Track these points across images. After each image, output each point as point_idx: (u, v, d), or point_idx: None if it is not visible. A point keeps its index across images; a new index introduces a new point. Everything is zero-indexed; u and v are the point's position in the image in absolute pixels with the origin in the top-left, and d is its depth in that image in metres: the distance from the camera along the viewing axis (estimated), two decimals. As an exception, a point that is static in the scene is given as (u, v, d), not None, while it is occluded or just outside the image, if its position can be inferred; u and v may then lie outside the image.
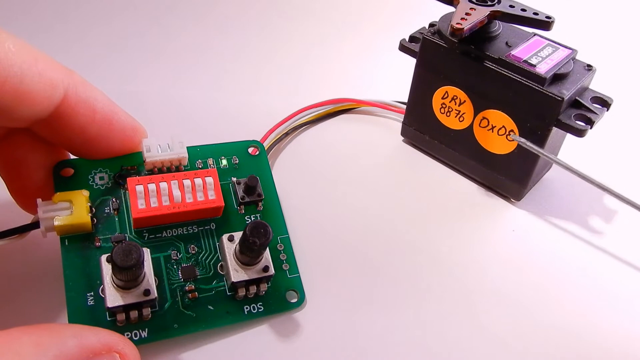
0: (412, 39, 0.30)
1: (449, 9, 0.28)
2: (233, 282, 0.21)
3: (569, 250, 0.27)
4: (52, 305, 0.20)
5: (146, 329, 0.21)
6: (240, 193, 0.24)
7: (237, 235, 0.22)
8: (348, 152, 0.31)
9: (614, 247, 0.27)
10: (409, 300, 0.24)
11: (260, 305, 0.22)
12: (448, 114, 0.29)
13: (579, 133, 0.25)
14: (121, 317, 0.20)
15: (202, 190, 0.22)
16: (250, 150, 0.25)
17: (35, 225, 0.21)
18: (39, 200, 0.21)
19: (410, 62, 0.29)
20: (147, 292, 0.20)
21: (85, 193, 0.21)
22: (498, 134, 0.27)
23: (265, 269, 0.22)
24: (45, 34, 0.36)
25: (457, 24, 0.25)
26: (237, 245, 0.21)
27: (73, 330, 0.17)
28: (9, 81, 0.18)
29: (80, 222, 0.21)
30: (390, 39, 0.32)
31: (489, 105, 0.27)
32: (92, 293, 0.20)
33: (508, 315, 0.23)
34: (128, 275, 0.19)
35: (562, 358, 0.22)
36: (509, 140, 0.27)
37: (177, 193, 0.22)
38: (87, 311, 0.20)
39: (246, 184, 0.23)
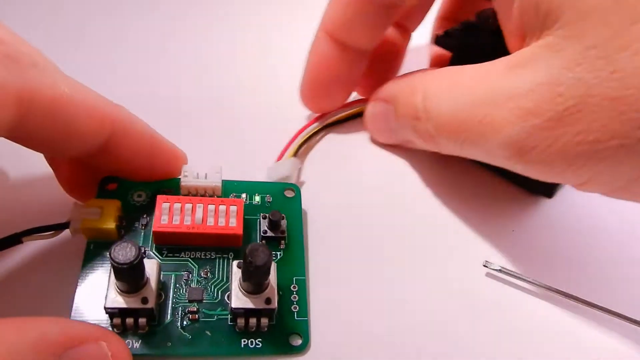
0: (448, 34, 0.29)
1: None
2: (232, 307, 0.21)
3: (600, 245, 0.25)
4: (58, 305, 0.21)
5: (139, 341, 0.20)
6: (263, 227, 0.24)
7: (247, 263, 0.21)
8: (377, 153, 0.30)
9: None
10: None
11: (259, 341, 0.21)
12: None
13: None
14: (117, 321, 0.20)
15: (225, 217, 0.23)
16: (286, 192, 0.26)
17: (66, 225, 0.22)
18: (74, 203, 0.22)
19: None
20: (145, 300, 0.20)
21: (117, 203, 0.23)
22: None
23: (268, 301, 0.21)
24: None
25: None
26: (241, 272, 0.21)
27: (60, 320, 0.18)
28: (61, 123, 0.19)
29: (105, 227, 0.22)
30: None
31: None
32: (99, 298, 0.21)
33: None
34: (122, 273, 0.19)
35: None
36: None
37: (199, 215, 0.22)
38: (91, 312, 0.21)
39: (270, 218, 0.23)
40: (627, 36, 0.18)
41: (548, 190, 0.28)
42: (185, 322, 0.21)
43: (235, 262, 0.22)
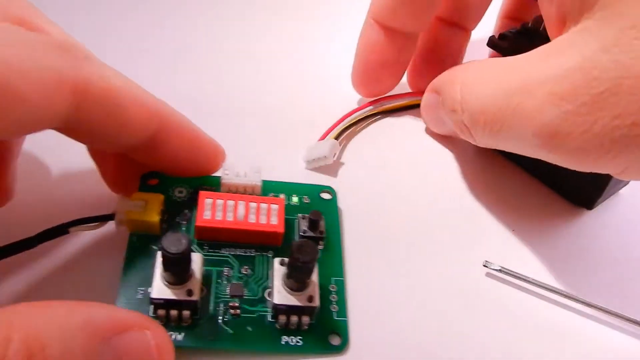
0: (502, 36, 0.29)
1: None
2: (275, 303, 0.21)
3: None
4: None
5: (182, 333, 0.20)
6: (303, 227, 0.24)
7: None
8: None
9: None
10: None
11: (299, 339, 0.21)
12: None
13: None
14: (162, 312, 0.20)
15: (266, 214, 0.23)
16: (322, 194, 0.26)
17: (111, 216, 0.22)
18: (119, 196, 0.23)
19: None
20: (190, 292, 0.20)
21: (161, 197, 0.23)
22: None
23: (310, 298, 0.21)
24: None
25: None
26: (285, 269, 0.21)
27: (107, 306, 0.18)
28: (112, 114, 0.20)
29: (149, 220, 0.22)
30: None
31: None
32: (142, 289, 0.21)
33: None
34: (172, 263, 0.19)
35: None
36: None
37: (241, 212, 0.23)
38: (134, 303, 0.21)
39: (310, 218, 0.24)
40: None
41: (589, 201, 0.28)
42: (227, 317, 0.21)
43: (277, 260, 0.22)
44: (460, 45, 0.32)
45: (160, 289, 0.20)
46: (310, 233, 0.24)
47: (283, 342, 0.21)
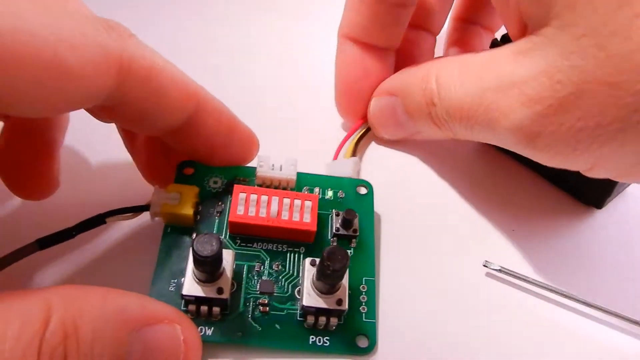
0: (504, 38, 0.27)
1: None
2: (304, 305, 0.21)
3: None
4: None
5: (212, 328, 0.21)
6: (336, 225, 0.24)
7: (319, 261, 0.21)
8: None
9: None
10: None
11: (327, 339, 0.21)
12: None
13: None
14: (192, 307, 0.21)
15: (299, 212, 0.23)
16: (359, 189, 0.25)
17: (146, 207, 0.22)
18: (155, 187, 0.23)
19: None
20: (220, 290, 0.20)
21: (195, 189, 0.23)
22: None
23: (339, 302, 0.21)
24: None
25: None
26: (315, 274, 0.21)
27: (141, 296, 0.18)
28: (154, 93, 0.20)
29: (183, 213, 0.22)
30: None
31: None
32: (175, 281, 0.22)
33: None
34: (203, 265, 0.19)
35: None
36: None
37: (274, 208, 0.22)
38: (166, 295, 0.21)
39: (344, 217, 0.23)
40: (615, 21, 0.18)
41: (598, 200, 0.27)
42: (256, 313, 0.21)
43: (308, 260, 0.22)
44: (427, 50, 0.31)
45: (191, 285, 0.20)
46: (343, 231, 0.23)
47: (310, 342, 0.21)
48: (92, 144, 0.26)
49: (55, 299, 0.16)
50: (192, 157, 0.24)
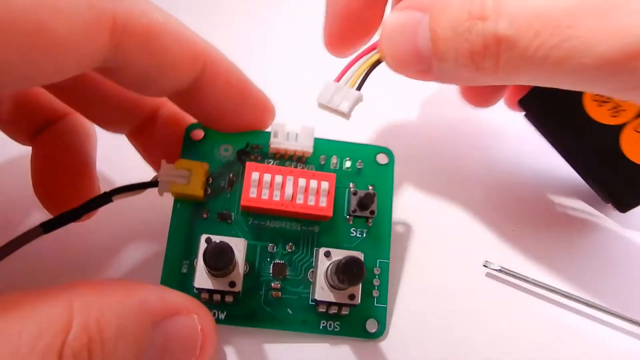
0: None
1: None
2: (315, 299, 0.21)
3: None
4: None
5: (225, 312, 0.21)
6: (353, 205, 0.22)
7: (334, 252, 0.21)
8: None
9: None
10: None
11: (337, 324, 0.22)
12: (602, 104, 0.24)
13: None
14: (205, 296, 0.21)
15: (315, 194, 0.21)
16: (379, 157, 0.24)
17: (154, 183, 0.21)
18: (163, 162, 0.21)
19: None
20: (232, 284, 0.20)
21: (205, 166, 0.22)
22: None
23: (352, 297, 0.21)
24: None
25: None
26: (330, 267, 0.20)
27: (159, 288, 0.19)
28: (155, 53, 0.18)
29: (193, 194, 0.21)
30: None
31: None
32: (187, 262, 0.21)
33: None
34: (218, 272, 0.19)
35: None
36: None
37: (289, 191, 0.21)
38: (179, 277, 0.21)
39: (361, 199, 0.22)
40: None
41: (626, 203, 0.25)
42: (268, 297, 0.21)
43: (322, 251, 0.21)
44: None
45: (202, 278, 0.20)
46: (359, 213, 0.22)
47: (321, 327, 0.22)
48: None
49: (75, 301, 0.16)
50: (202, 121, 0.22)
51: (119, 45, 0.17)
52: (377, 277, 0.22)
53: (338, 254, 0.21)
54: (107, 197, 0.21)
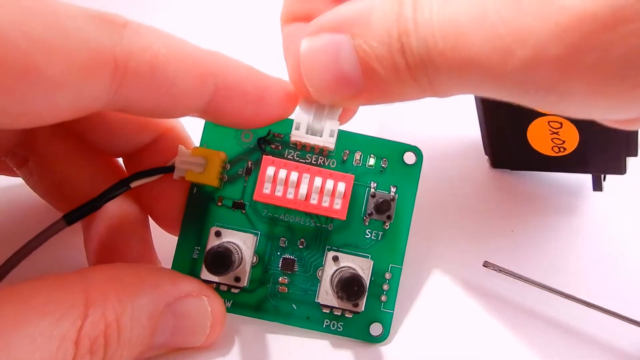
0: None
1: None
2: (319, 302, 0.21)
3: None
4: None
5: (231, 301, 0.22)
6: (370, 208, 0.22)
7: (343, 257, 0.21)
8: None
9: None
10: None
11: (341, 324, 0.22)
12: None
13: None
14: (212, 285, 0.21)
15: (330, 196, 0.21)
16: (405, 156, 0.22)
17: (170, 168, 0.21)
18: (180, 147, 0.21)
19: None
20: (238, 279, 0.20)
21: (222, 156, 0.21)
22: None
23: (355, 305, 0.21)
24: None
25: None
26: (335, 275, 0.20)
27: (171, 272, 0.20)
28: (161, 88, 0.17)
29: (208, 183, 0.21)
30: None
31: None
32: (199, 247, 0.22)
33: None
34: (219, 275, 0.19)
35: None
36: None
37: (303, 191, 0.20)
38: (189, 262, 0.22)
39: (378, 204, 0.21)
40: None
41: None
42: (275, 291, 0.22)
43: (331, 255, 0.21)
44: None
45: (207, 272, 0.20)
46: (375, 217, 0.22)
47: (324, 325, 0.22)
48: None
49: (92, 288, 0.17)
50: (224, 125, 0.21)
51: (121, 85, 0.16)
52: (387, 282, 0.22)
53: (346, 260, 0.21)
54: (125, 184, 0.21)
